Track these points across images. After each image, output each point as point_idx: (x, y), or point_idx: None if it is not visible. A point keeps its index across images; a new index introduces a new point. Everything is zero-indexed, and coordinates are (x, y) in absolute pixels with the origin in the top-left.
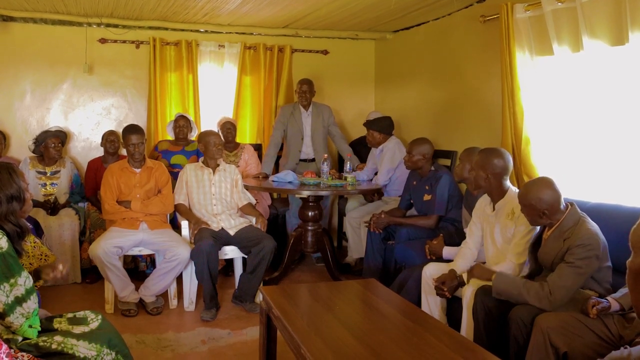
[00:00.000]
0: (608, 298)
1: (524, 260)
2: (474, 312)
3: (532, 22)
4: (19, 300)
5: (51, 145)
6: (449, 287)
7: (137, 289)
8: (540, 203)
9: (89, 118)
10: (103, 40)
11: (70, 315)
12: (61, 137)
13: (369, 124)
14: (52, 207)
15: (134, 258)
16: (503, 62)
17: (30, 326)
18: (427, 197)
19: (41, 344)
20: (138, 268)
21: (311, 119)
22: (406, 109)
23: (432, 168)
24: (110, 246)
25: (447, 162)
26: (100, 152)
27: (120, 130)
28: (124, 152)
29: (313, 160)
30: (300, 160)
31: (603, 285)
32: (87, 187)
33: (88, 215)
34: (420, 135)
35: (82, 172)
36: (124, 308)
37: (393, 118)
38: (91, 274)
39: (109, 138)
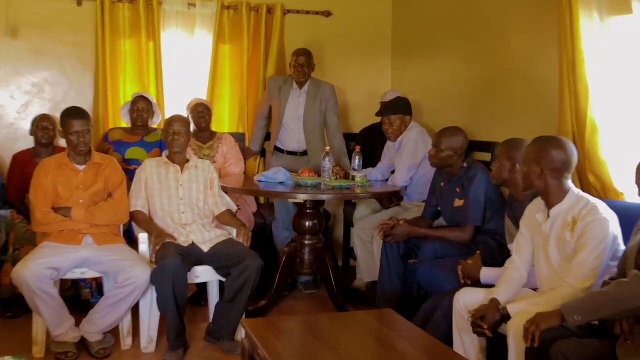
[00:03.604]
0: None
1: (590, 284)
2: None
3: None
4: None
5: None
6: (489, 322)
7: (77, 324)
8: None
9: (13, 98)
10: None
11: None
12: None
13: (383, 111)
14: None
15: (75, 283)
16: (562, 26)
17: None
18: (458, 203)
19: None
20: (80, 296)
21: (305, 100)
22: (432, 88)
23: (465, 165)
24: (43, 268)
25: (486, 156)
26: (29, 142)
27: (57, 115)
28: (62, 143)
29: (305, 153)
30: (288, 153)
31: None
32: (11, 189)
33: (12, 226)
34: (451, 123)
35: (4, 169)
36: (59, 350)
37: (415, 100)
38: (14, 305)
39: (41, 124)
